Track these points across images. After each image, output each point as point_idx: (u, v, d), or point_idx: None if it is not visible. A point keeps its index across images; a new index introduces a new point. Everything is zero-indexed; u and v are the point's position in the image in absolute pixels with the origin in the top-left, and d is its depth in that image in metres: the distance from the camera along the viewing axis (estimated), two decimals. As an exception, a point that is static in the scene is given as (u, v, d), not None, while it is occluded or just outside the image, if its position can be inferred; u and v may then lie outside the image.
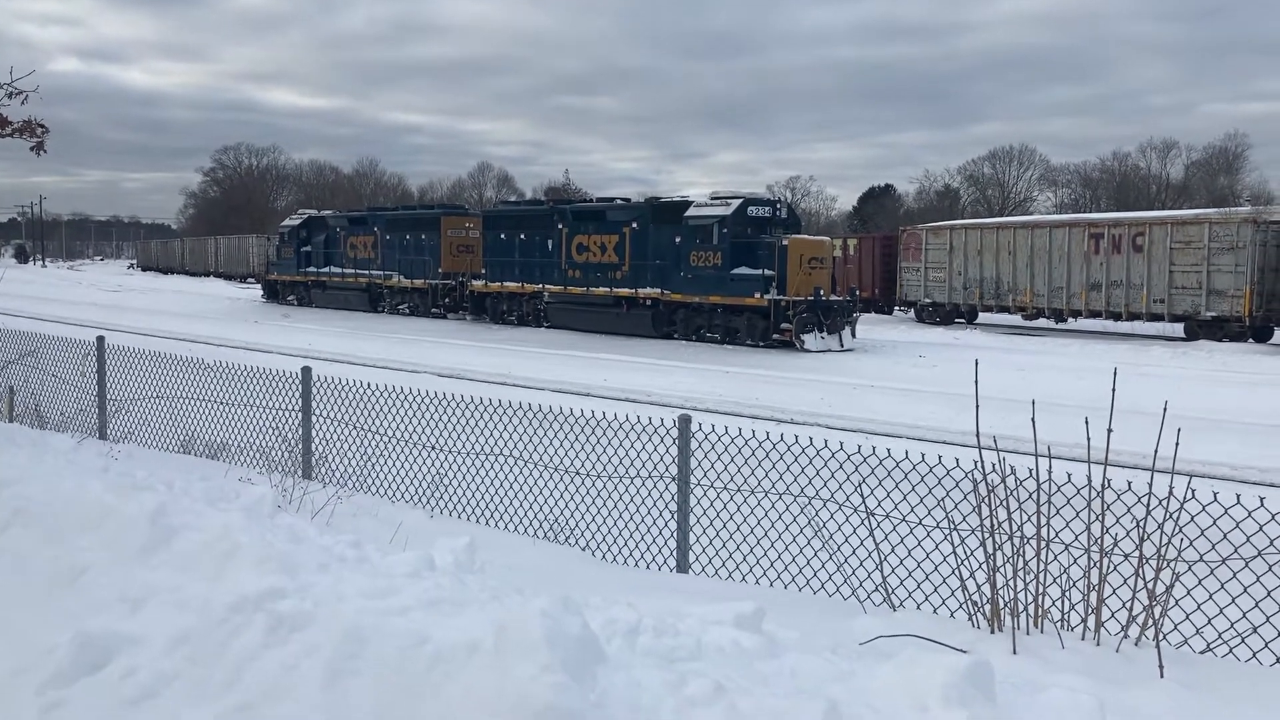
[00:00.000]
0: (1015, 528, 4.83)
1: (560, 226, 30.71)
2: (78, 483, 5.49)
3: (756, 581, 6.28)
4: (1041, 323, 32.78)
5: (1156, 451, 4.42)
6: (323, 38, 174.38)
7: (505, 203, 44.95)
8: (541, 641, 3.13)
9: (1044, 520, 4.82)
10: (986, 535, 4.85)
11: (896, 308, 37.45)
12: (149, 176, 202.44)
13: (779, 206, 27.76)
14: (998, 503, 4.89)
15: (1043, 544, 4.80)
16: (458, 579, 4.24)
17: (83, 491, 5.27)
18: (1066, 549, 4.93)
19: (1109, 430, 4.62)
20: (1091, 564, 4.73)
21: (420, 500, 8.08)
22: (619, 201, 31.45)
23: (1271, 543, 4.52)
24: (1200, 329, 28.08)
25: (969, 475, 5.10)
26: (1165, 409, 4.53)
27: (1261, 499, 4.54)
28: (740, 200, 26.58)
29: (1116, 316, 30.16)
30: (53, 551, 4.78)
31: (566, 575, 5.91)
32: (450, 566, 4.71)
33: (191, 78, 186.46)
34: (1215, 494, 4.68)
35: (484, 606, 3.76)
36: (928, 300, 34.88)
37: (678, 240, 27.12)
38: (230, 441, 9.65)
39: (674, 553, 6.72)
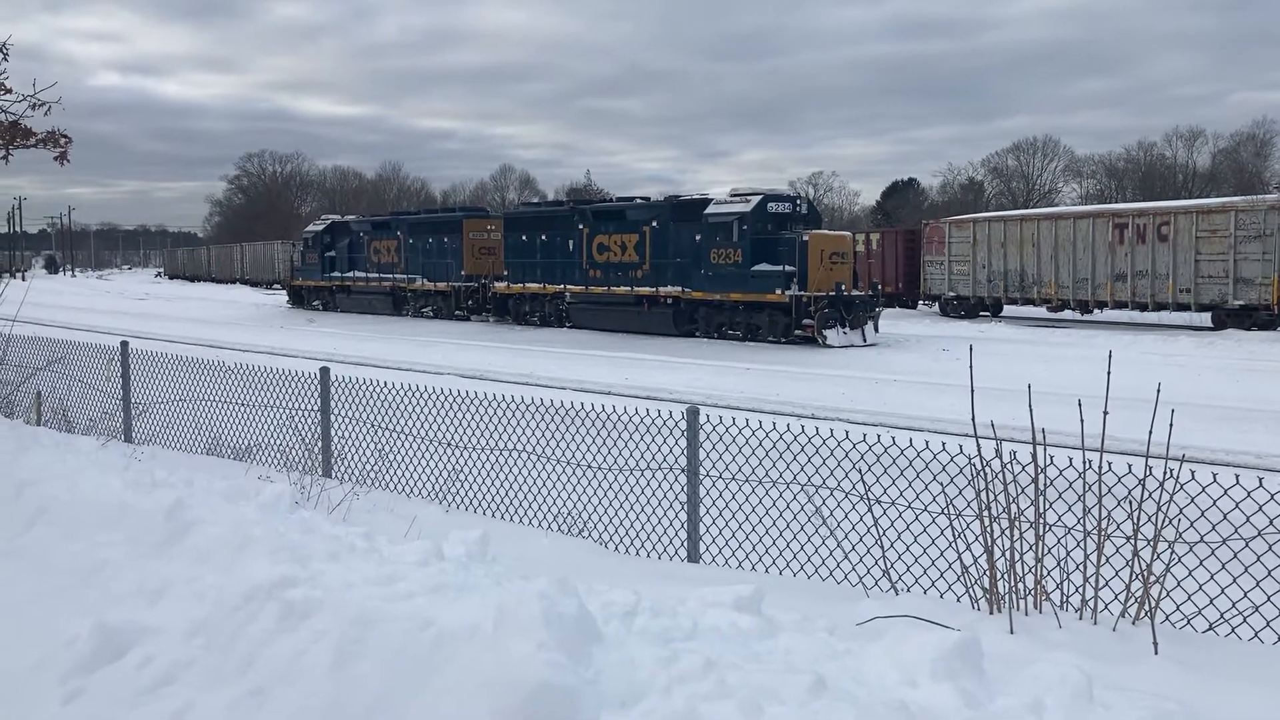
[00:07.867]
0: (1018, 512, 4.87)
1: (581, 227, 30.82)
2: (98, 481, 5.64)
3: (766, 570, 6.35)
4: (1067, 315, 32.50)
5: (1151, 433, 4.45)
6: (356, 47, 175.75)
7: (526, 204, 45.15)
8: (538, 622, 3.22)
9: (1044, 503, 4.85)
10: (985, 519, 4.89)
11: (920, 302, 37.27)
12: (180, 185, 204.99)
13: (799, 202, 27.74)
14: (1000, 488, 4.94)
15: (1042, 526, 4.84)
16: (463, 566, 4.34)
17: (103, 489, 5.42)
18: (1069, 532, 4.96)
19: (1105, 413, 4.66)
20: (1092, 546, 4.77)
21: (436, 496, 8.20)
22: (639, 200, 31.48)
23: (1271, 522, 4.54)
24: (1228, 318, 27.78)
25: (971, 461, 5.15)
26: (1159, 391, 4.56)
27: (1260, 479, 4.56)
28: (760, 197, 26.58)
29: (1143, 307, 29.87)
30: (74, 547, 4.93)
31: (577, 565, 5.99)
32: (462, 557, 4.81)
33: (226, 89, 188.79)
34: (1215, 475, 4.70)
35: (487, 592, 3.85)
36: (952, 294, 34.70)
37: (698, 238, 27.16)
38: (255, 443, 9.81)
39: (685, 543, 6.80)
